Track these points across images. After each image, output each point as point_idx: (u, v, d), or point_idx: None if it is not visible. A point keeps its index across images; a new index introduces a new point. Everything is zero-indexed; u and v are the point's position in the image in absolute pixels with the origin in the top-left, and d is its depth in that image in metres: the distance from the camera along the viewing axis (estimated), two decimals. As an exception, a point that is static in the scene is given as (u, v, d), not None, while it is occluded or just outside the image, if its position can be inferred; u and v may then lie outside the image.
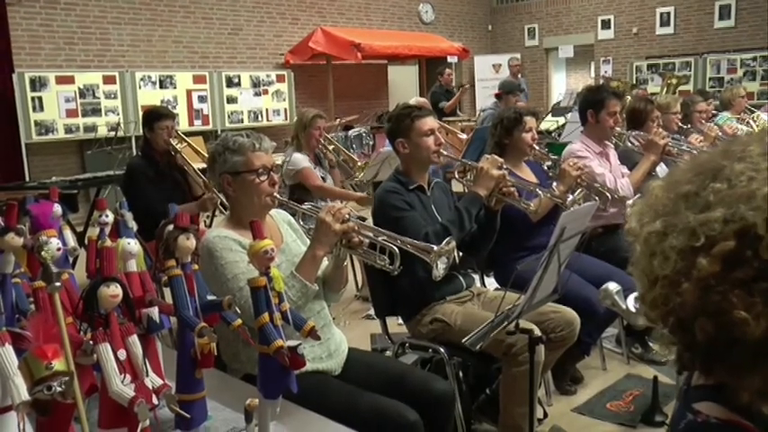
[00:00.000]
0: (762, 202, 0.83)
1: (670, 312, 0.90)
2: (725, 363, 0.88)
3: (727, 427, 0.90)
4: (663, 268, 0.89)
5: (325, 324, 2.53)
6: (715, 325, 0.85)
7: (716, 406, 0.91)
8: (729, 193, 0.85)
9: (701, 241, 0.85)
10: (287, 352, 1.41)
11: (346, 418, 2.19)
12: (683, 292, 0.87)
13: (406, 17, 12.74)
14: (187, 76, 9.76)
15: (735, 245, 0.82)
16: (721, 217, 0.84)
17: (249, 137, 2.50)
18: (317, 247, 2.36)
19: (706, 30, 12.11)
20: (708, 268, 0.84)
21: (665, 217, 0.90)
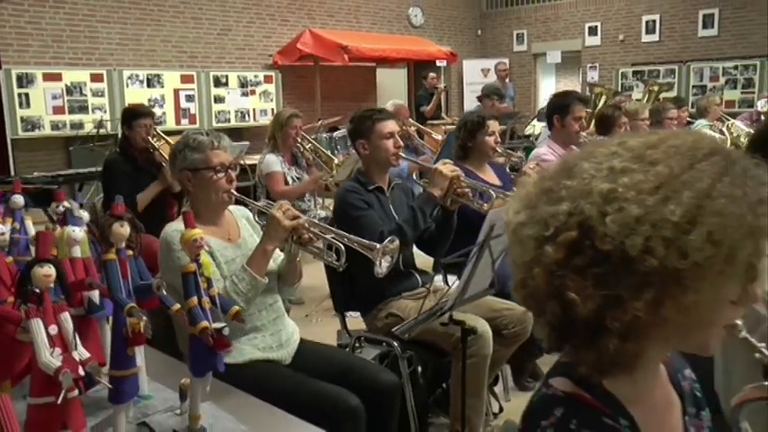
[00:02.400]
0: (597, 198, 0.92)
1: (529, 296, 1.01)
2: (568, 340, 1.00)
3: (567, 399, 1.00)
4: (522, 255, 0.98)
5: (277, 316, 2.64)
6: (559, 306, 0.95)
7: (565, 380, 1.02)
8: (574, 188, 0.95)
9: (550, 231, 0.94)
10: (212, 333, 1.52)
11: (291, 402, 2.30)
12: (535, 277, 0.96)
13: (395, 20, 12.87)
14: (175, 76, 9.86)
15: (576, 235, 0.92)
16: (567, 210, 0.93)
17: (209, 135, 2.62)
18: (267, 241, 2.47)
19: (690, 38, 12.27)
20: (553, 255, 0.93)
21: (528, 209, 0.99)
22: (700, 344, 1.01)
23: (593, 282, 0.91)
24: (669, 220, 0.88)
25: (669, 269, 0.88)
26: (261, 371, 2.48)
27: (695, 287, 0.89)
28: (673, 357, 1.20)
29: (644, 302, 0.90)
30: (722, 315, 0.97)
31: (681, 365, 1.21)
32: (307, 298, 5.60)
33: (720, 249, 0.88)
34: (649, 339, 0.96)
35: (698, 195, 0.89)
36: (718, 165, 0.92)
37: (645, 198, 0.90)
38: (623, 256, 0.89)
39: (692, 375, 1.22)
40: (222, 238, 2.59)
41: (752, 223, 0.90)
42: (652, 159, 0.93)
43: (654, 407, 1.06)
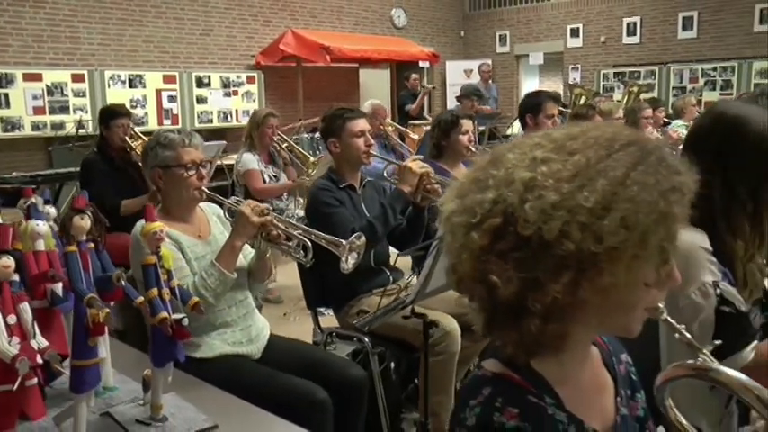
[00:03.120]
0: (519, 186, 0.97)
1: (459, 280, 1.05)
2: (495, 322, 1.05)
3: (495, 379, 1.05)
4: (453, 242, 1.03)
5: (247, 312, 2.68)
6: (485, 289, 1.00)
7: (495, 362, 1.07)
8: (499, 177, 1.00)
9: (476, 218, 0.99)
10: (172, 323, 1.56)
11: (259, 395, 2.34)
12: (463, 262, 1.02)
13: (378, 21, 12.91)
14: (157, 76, 9.85)
15: (500, 221, 0.97)
16: (492, 198, 0.98)
17: (180, 133, 2.66)
18: (236, 238, 2.51)
19: (670, 40, 12.38)
20: (479, 241, 0.98)
21: (459, 198, 1.03)
22: (622, 325, 1.06)
23: (514, 265, 0.96)
24: (584, 206, 0.93)
25: (585, 253, 0.93)
26: (230, 365, 2.52)
27: (611, 270, 0.94)
28: (609, 342, 1.26)
29: (562, 285, 0.95)
30: (640, 297, 1.02)
31: (617, 349, 1.26)
32: (285, 297, 5.64)
33: (633, 234, 0.93)
34: (572, 321, 1.01)
35: (612, 183, 0.94)
36: (634, 155, 0.98)
37: (561, 186, 0.95)
38: (542, 240, 0.94)
39: (628, 359, 1.27)
40: (193, 235, 2.62)
41: (663, 209, 0.95)
42: (571, 150, 0.99)
43: (582, 387, 1.10)
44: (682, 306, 1.75)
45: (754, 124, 1.74)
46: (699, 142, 1.85)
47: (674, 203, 0.96)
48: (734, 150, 1.75)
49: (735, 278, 1.73)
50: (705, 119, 1.89)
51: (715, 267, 1.71)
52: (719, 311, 1.69)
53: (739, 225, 1.76)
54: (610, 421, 1.14)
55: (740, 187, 1.74)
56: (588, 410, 1.09)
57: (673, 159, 1.01)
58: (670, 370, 1.08)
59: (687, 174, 1.01)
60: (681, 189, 0.98)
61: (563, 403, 1.05)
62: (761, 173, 1.73)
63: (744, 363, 1.68)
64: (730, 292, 1.70)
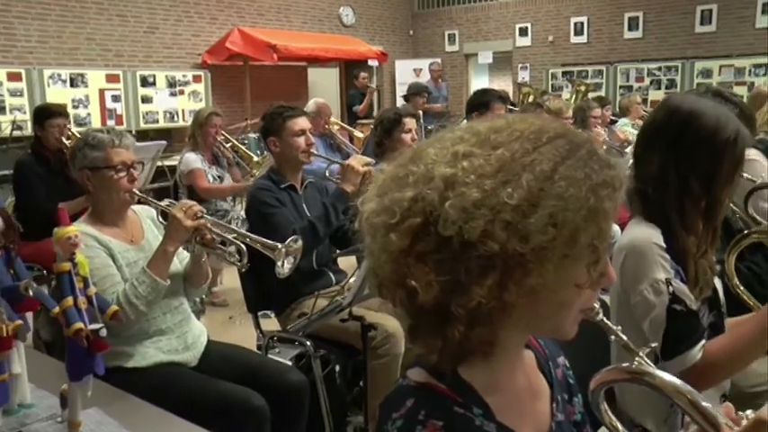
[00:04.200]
0: (439, 183, 0.90)
1: (380, 285, 0.98)
2: (419, 328, 0.98)
3: (419, 389, 0.99)
4: (372, 244, 0.96)
5: (183, 318, 2.59)
6: (405, 294, 0.93)
7: (420, 371, 1.00)
8: (419, 174, 0.93)
9: (396, 218, 0.92)
10: (88, 334, 1.46)
11: (195, 404, 2.27)
12: (383, 265, 0.95)
13: (326, 20, 12.80)
14: (100, 75, 9.57)
15: (420, 221, 0.90)
16: (411, 196, 0.91)
17: (109, 133, 2.54)
18: (168, 242, 2.41)
19: (617, 40, 12.54)
20: (398, 243, 0.91)
21: (379, 197, 0.96)
22: (556, 328, 1.01)
23: (435, 268, 0.90)
24: (508, 203, 0.87)
25: (510, 253, 0.87)
26: (165, 374, 2.42)
27: (539, 270, 0.89)
28: (547, 345, 1.21)
29: (487, 287, 0.89)
30: (572, 298, 0.96)
31: (554, 353, 1.21)
32: (231, 300, 5.52)
33: (562, 232, 0.88)
34: (501, 325, 0.95)
35: (538, 178, 0.89)
36: (562, 148, 0.92)
37: (484, 182, 0.89)
38: (463, 241, 0.88)
39: (565, 363, 1.22)
40: (124, 240, 2.52)
41: (594, 205, 0.89)
42: (495, 143, 0.93)
43: (514, 394, 1.05)
44: (634, 303, 1.73)
45: (707, 119, 1.73)
46: (653, 137, 1.83)
47: (604, 199, 0.90)
48: (687, 145, 1.74)
49: (686, 276, 1.72)
50: (659, 113, 1.87)
51: (668, 264, 1.70)
52: (671, 309, 1.68)
53: (693, 221, 1.76)
54: (545, 427, 1.09)
55: (694, 182, 1.73)
56: (521, 418, 1.04)
57: (602, 154, 0.96)
58: (604, 373, 1.04)
59: (618, 168, 0.95)
60: (612, 184, 0.92)
61: (493, 413, 0.99)
62: (714, 168, 1.72)
63: (692, 361, 1.67)
64: (682, 290, 1.70)
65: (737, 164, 1.73)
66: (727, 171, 1.72)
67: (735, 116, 1.76)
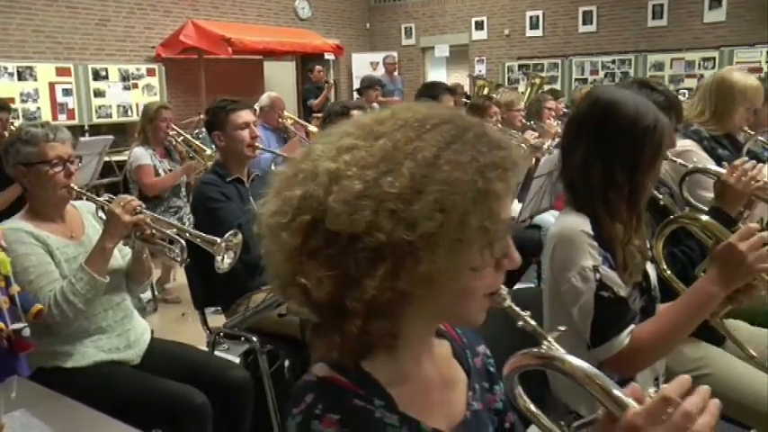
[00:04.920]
0: (324, 178, 0.91)
1: (279, 286, 0.98)
2: (318, 325, 0.98)
3: (320, 384, 0.98)
4: (269, 245, 0.96)
5: (125, 315, 2.55)
6: (300, 292, 0.94)
7: (323, 366, 1.00)
8: (306, 171, 0.94)
9: (287, 217, 0.92)
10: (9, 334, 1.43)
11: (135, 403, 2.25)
12: (279, 265, 0.95)
13: (282, 12, 12.70)
14: (49, 68, 9.37)
15: (309, 218, 0.90)
16: (300, 194, 0.92)
17: (44, 127, 2.49)
18: (107, 239, 2.37)
19: (572, 33, 12.68)
20: (290, 241, 0.92)
21: (274, 198, 0.97)
22: (461, 315, 1.01)
23: (326, 264, 0.90)
24: (390, 192, 0.88)
25: (398, 242, 0.88)
26: (105, 373, 2.39)
27: (430, 257, 0.89)
28: (465, 334, 1.21)
29: (379, 279, 0.89)
30: (473, 283, 0.96)
31: (473, 341, 1.22)
32: (183, 297, 5.45)
33: (450, 216, 0.88)
34: (401, 316, 0.96)
35: (420, 165, 0.89)
36: (447, 133, 0.92)
37: (365, 173, 0.89)
38: (351, 234, 0.88)
39: (486, 351, 1.23)
40: (63, 236, 2.47)
41: (482, 187, 0.90)
42: (378, 134, 0.93)
43: (422, 384, 1.05)
44: (563, 291, 1.76)
45: (626, 108, 1.77)
46: (577, 129, 1.87)
47: (493, 180, 0.91)
48: (609, 134, 1.77)
49: (615, 262, 1.75)
50: (582, 105, 1.90)
51: (596, 252, 1.73)
52: (598, 296, 1.71)
53: (618, 208, 1.79)
54: (459, 416, 1.09)
55: (617, 171, 1.76)
56: (429, 408, 1.04)
57: (495, 135, 0.96)
58: (516, 359, 1.04)
59: (509, 149, 0.96)
60: (502, 164, 0.93)
61: (396, 404, 0.99)
62: (635, 156, 1.76)
63: (620, 347, 1.70)
64: (609, 276, 1.73)
65: (658, 150, 1.77)
66: (648, 158, 1.76)
67: (653, 104, 1.80)
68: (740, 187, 2.13)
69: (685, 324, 1.69)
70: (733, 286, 1.66)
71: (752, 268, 1.61)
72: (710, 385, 2.27)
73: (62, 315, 2.27)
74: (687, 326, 1.70)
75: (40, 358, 2.38)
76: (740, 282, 1.65)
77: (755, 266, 1.61)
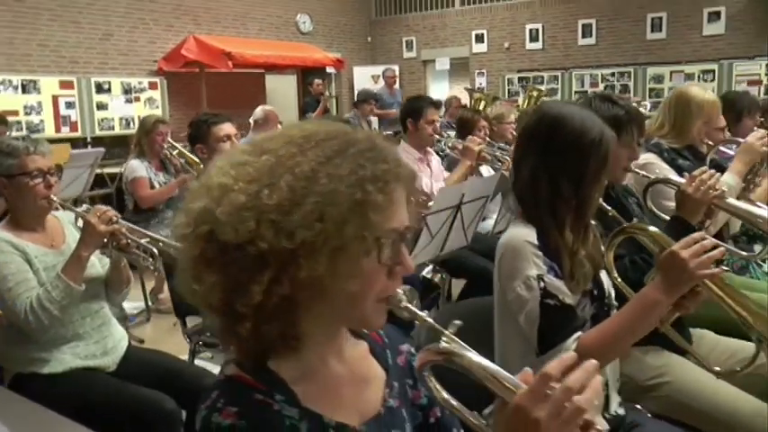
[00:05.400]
0: (216, 192, 1.00)
1: (185, 291, 1.06)
2: (219, 329, 1.06)
3: (226, 381, 1.06)
4: (180, 254, 1.05)
5: (103, 323, 2.62)
6: (199, 300, 1.03)
7: (232, 365, 1.08)
8: (206, 185, 1.03)
9: (190, 228, 1.01)
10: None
11: (108, 409, 2.31)
12: (183, 272, 1.04)
13: (283, 27, 12.82)
14: (53, 81, 9.51)
15: (207, 229, 0.99)
16: (200, 207, 1.01)
17: (24, 140, 2.57)
18: (83, 247, 2.45)
19: (571, 46, 12.76)
20: (191, 251, 1.01)
21: (183, 211, 1.05)
22: (357, 318, 1.08)
23: (218, 271, 0.98)
24: (268, 204, 0.95)
25: (280, 250, 0.95)
26: (80, 379, 2.45)
27: (310, 264, 0.96)
28: (388, 333, 1.28)
29: (264, 285, 0.96)
30: (360, 288, 1.02)
31: (397, 341, 1.28)
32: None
33: (327, 226, 0.96)
34: (295, 320, 1.03)
35: (298, 178, 0.97)
36: (329, 149, 1.00)
37: (247, 187, 0.97)
38: (238, 243, 0.96)
39: (410, 350, 1.29)
40: (43, 245, 2.55)
41: (360, 199, 0.97)
42: (264, 150, 1.02)
43: (329, 381, 1.11)
44: (510, 299, 1.80)
45: (572, 122, 1.82)
46: (526, 142, 1.91)
47: (372, 192, 0.98)
48: (555, 148, 1.82)
49: (562, 271, 1.79)
50: (531, 119, 1.96)
51: (540, 261, 1.77)
52: (544, 304, 1.75)
53: (565, 219, 1.84)
54: (373, 412, 1.15)
55: (563, 183, 1.81)
56: (338, 404, 1.10)
57: (381, 150, 1.04)
58: (422, 354, 1.10)
59: (393, 163, 1.04)
60: (383, 177, 1.00)
61: (298, 399, 1.05)
62: (581, 169, 1.81)
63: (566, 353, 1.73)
64: (554, 285, 1.76)
65: (603, 163, 1.82)
66: (593, 171, 1.81)
67: (599, 119, 1.85)
68: (699, 196, 2.17)
69: (630, 330, 1.73)
70: (677, 293, 1.69)
71: (694, 274, 1.65)
72: (671, 393, 2.33)
73: (38, 321, 2.34)
74: (632, 332, 1.74)
75: (17, 365, 2.46)
76: (684, 288, 1.69)
77: (697, 273, 1.65)
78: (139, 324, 5.16)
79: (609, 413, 1.91)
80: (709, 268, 1.66)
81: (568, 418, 0.92)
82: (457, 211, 2.90)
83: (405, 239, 1.07)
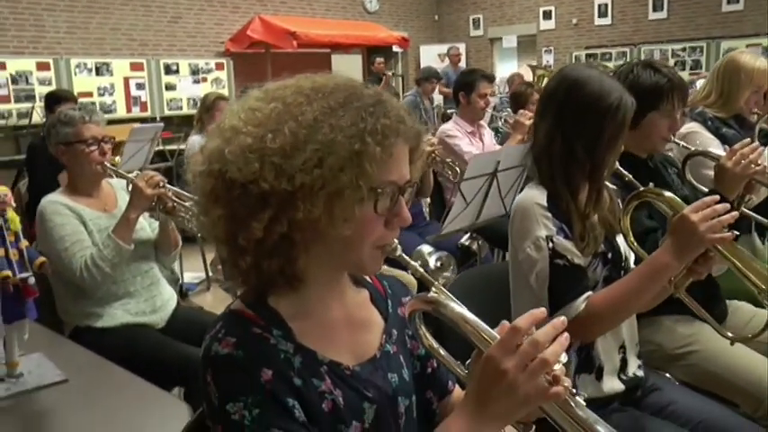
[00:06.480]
0: (227, 132, 1.07)
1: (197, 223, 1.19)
2: (224, 262, 1.15)
3: (230, 315, 1.14)
4: (194, 191, 1.14)
5: (152, 282, 2.77)
6: (207, 231, 1.13)
7: (239, 302, 1.16)
8: (220, 127, 1.11)
9: (204, 166, 1.09)
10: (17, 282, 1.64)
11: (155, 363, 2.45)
12: (199, 207, 1.14)
13: (349, 6, 12.92)
14: (124, 64, 9.87)
15: (218, 167, 1.06)
16: (213, 146, 1.09)
17: (81, 110, 2.73)
18: (131, 210, 2.60)
19: (641, 21, 12.41)
20: (204, 186, 1.09)
21: (201, 150, 1.14)
22: (354, 262, 1.15)
23: (223, 206, 1.06)
24: (271, 147, 1.02)
25: (280, 191, 1.02)
26: (130, 333, 2.60)
27: (307, 207, 1.03)
28: (391, 285, 1.34)
29: (263, 222, 1.04)
30: (356, 233, 1.08)
31: (400, 293, 1.34)
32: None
33: (325, 172, 1.02)
34: (293, 259, 1.09)
35: (301, 125, 1.04)
36: (336, 101, 1.06)
37: (254, 130, 1.05)
38: (243, 182, 1.03)
39: None
40: (97, 209, 2.71)
41: (358, 149, 1.03)
42: (274, 97, 1.09)
43: (327, 322, 1.18)
44: (520, 259, 1.84)
45: (591, 86, 1.81)
46: (545, 103, 1.93)
47: (371, 144, 1.04)
48: (572, 111, 1.83)
49: (572, 233, 1.81)
50: (551, 81, 1.97)
51: (550, 222, 1.79)
52: (553, 264, 1.78)
53: (578, 183, 1.85)
54: (368, 355, 1.21)
55: (578, 147, 1.82)
56: (332, 343, 1.16)
57: (385, 106, 1.09)
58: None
59: (397, 118, 1.09)
60: (383, 132, 1.06)
61: (294, 336, 1.12)
62: (596, 133, 1.81)
63: (576, 312, 1.75)
64: (564, 245, 1.78)
65: (620, 129, 1.81)
66: (609, 136, 1.80)
67: (619, 84, 1.84)
68: (738, 171, 2.12)
69: (639, 291, 1.74)
70: (687, 257, 1.69)
71: (703, 238, 1.64)
72: (698, 361, 2.33)
73: (91, 278, 2.51)
74: (641, 293, 1.74)
75: (75, 318, 2.64)
76: (693, 252, 1.69)
77: (707, 237, 1.63)
78: (200, 293, 5.37)
79: (626, 375, 1.92)
80: (719, 232, 1.64)
81: (534, 369, 0.96)
82: (492, 178, 2.92)
83: (404, 193, 1.13)
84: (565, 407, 0.99)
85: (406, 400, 1.24)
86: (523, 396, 0.97)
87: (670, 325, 2.29)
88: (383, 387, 1.20)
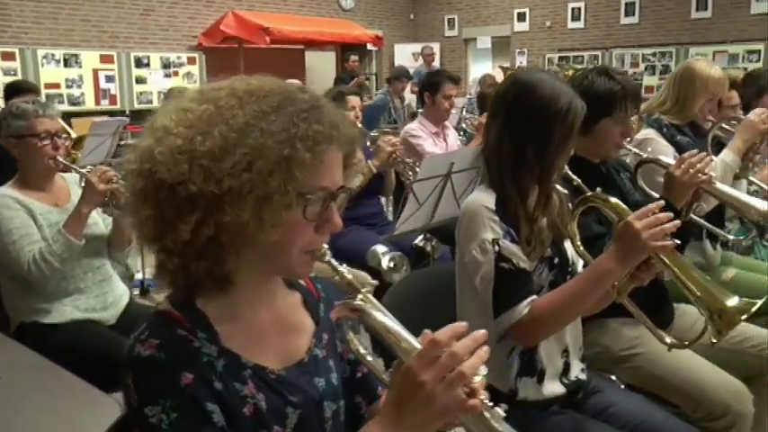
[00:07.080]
0: (158, 132, 1.06)
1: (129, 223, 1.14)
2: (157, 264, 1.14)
3: (156, 315, 1.14)
4: (126, 189, 1.15)
5: (104, 278, 2.74)
6: (136, 231, 1.12)
7: (166, 302, 1.16)
8: (153, 126, 1.09)
9: (135, 165, 1.08)
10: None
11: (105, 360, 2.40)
12: (126, 205, 1.14)
13: (324, 3, 12.86)
14: (94, 56, 9.75)
15: (148, 167, 1.05)
16: (145, 144, 1.07)
17: (34, 103, 2.69)
18: (83, 205, 2.57)
19: (613, 25, 12.54)
20: (134, 185, 1.08)
21: (134, 148, 1.12)
22: (284, 267, 1.14)
23: (151, 206, 1.05)
24: (200, 150, 1.02)
25: (208, 194, 1.01)
26: (78, 330, 2.57)
27: (234, 211, 1.02)
28: (325, 289, 1.34)
29: (190, 224, 1.03)
30: (285, 238, 1.07)
31: (333, 297, 1.32)
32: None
33: (253, 177, 1.01)
34: (221, 261, 1.09)
35: (231, 129, 1.03)
36: (269, 105, 1.06)
37: (185, 131, 1.04)
38: (172, 183, 1.02)
39: None
40: (48, 203, 2.68)
41: (288, 155, 1.03)
42: (208, 98, 1.08)
43: (254, 325, 1.17)
44: (466, 261, 1.84)
45: (541, 90, 1.82)
46: (496, 106, 1.93)
47: (301, 150, 1.03)
48: (522, 114, 1.83)
49: (519, 237, 1.82)
50: (503, 84, 1.98)
51: (497, 226, 1.79)
52: (498, 267, 1.78)
53: (527, 186, 1.86)
54: (295, 359, 1.21)
55: (528, 150, 1.82)
56: (258, 347, 1.16)
57: (320, 112, 1.08)
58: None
59: (331, 124, 1.08)
60: (314, 138, 1.05)
61: (220, 339, 1.11)
62: (546, 136, 1.81)
63: (520, 316, 1.76)
64: (509, 249, 1.79)
65: (569, 133, 1.82)
66: (559, 140, 1.81)
67: (570, 88, 1.85)
68: (686, 179, 2.13)
69: (582, 296, 1.75)
70: (630, 263, 1.71)
71: (646, 245, 1.65)
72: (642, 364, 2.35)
73: (39, 273, 2.47)
74: (584, 298, 1.76)
75: (21, 314, 2.60)
76: (636, 258, 1.70)
77: (649, 244, 1.65)
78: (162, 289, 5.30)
79: (568, 378, 1.93)
80: (661, 240, 1.66)
81: (451, 381, 0.97)
82: (446, 180, 2.93)
83: (336, 198, 1.12)
84: (482, 419, 1.00)
85: (333, 405, 1.24)
86: (440, 408, 0.98)
87: (616, 327, 2.31)
88: (309, 391, 1.19)
